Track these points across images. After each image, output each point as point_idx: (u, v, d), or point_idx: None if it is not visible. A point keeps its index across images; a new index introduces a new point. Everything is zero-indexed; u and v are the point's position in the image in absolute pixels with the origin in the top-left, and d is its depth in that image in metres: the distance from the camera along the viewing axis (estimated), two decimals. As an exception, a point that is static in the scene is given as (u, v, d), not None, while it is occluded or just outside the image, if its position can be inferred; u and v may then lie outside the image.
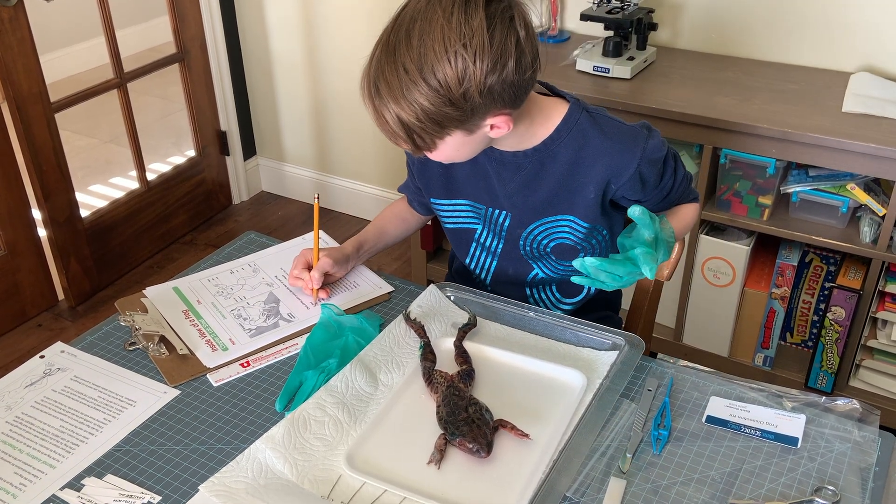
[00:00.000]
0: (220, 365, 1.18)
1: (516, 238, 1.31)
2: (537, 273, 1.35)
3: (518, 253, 1.33)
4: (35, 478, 1.00)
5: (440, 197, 1.34)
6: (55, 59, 3.63)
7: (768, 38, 2.13)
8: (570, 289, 1.38)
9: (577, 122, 1.21)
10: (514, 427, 1.02)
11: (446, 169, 1.31)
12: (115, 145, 3.56)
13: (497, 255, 1.35)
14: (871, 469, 0.99)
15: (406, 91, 1.04)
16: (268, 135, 3.15)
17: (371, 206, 2.96)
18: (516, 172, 1.25)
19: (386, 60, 1.05)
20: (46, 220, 2.48)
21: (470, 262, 1.39)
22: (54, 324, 2.54)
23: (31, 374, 1.17)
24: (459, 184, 1.31)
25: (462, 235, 1.37)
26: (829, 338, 1.99)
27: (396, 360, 1.16)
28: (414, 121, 1.06)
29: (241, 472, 0.96)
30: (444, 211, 1.36)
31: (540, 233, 1.29)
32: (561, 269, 1.34)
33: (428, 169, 1.33)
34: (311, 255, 1.32)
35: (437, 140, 1.10)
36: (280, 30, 2.87)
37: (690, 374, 1.14)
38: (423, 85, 1.03)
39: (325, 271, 1.31)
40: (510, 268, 1.36)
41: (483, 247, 1.36)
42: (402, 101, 1.05)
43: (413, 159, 1.36)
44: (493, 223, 1.32)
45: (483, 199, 1.31)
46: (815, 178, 1.93)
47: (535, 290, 1.38)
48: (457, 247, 1.40)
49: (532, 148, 1.22)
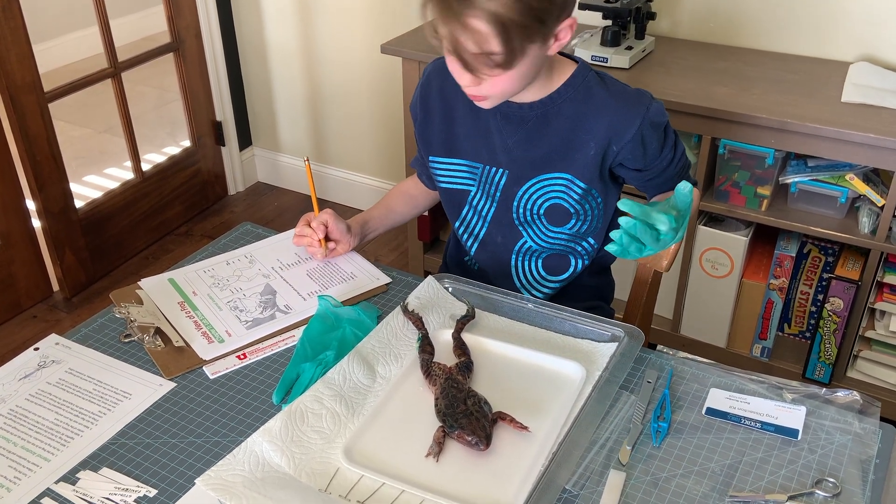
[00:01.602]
0: (217, 357, 1.17)
1: (510, 198, 1.32)
2: (525, 241, 1.36)
3: (510, 217, 1.34)
4: (29, 471, 0.99)
5: (439, 155, 1.36)
6: (49, 48, 3.61)
7: (767, 28, 2.12)
8: (555, 265, 1.38)
9: (584, 80, 1.24)
10: (513, 419, 1.02)
11: (448, 127, 1.33)
12: (110, 135, 3.54)
13: (488, 221, 1.36)
14: (871, 461, 0.98)
15: None
16: (263, 125, 3.13)
17: (367, 196, 2.95)
18: (519, 126, 1.27)
19: None
20: (41, 211, 2.46)
21: (460, 225, 1.40)
22: (49, 315, 2.53)
23: (26, 366, 1.16)
24: (459, 142, 1.33)
25: (456, 196, 1.38)
26: (827, 329, 1.99)
27: (394, 352, 1.15)
28: (515, 16, 1.04)
29: (238, 466, 0.95)
30: (441, 169, 1.37)
31: (536, 191, 1.30)
32: (550, 235, 1.34)
33: (430, 127, 1.35)
34: (311, 217, 1.35)
35: (518, 56, 1.09)
36: (276, 18, 2.85)
37: (690, 366, 1.14)
38: None
39: (325, 221, 1.33)
40: (499, 235, 1.37)
41: (475, 210, 1.37)
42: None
43: (416, 118, 1.38)
44: (488, 183, 1.33)
45: (481, 156, 1.32)
46: (814, 168, 1.92)
47: (520, 261, 1.38)
48: (449, 209, 1.42)
49: (539, 100, 1.24)
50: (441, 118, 1.34)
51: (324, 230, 1.34)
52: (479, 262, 1.42)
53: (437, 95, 1.34)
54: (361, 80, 2.78)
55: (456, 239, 1.46)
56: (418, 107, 1.37)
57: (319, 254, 1.35)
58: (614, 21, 2.05)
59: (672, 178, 1.31)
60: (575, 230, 1.34)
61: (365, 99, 2.82)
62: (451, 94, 1.31)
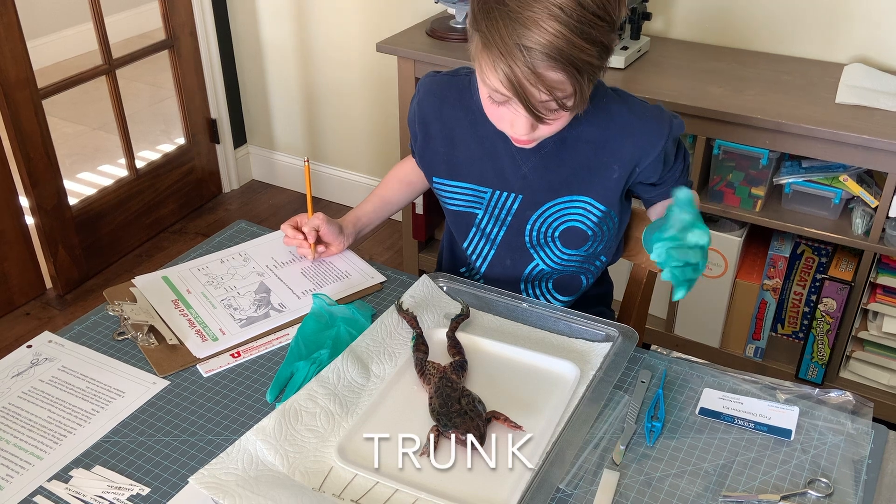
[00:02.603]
0: (210, 355, 1.17)
1: (523, 222, 1.28)
2: (537, 264, 1.32)
3: (521, 241, 1.30)
4: (22, 469, 0.99)
5: (443, 177, 1.31)
6: (43, 44, 3.59)
7: (762, 29, 2.12)
8: (566, 285, 1.36)
9: (601, 99, 1.19)
10: (507, 419, 1.02)
11: (450, 150, 1.29)
12: (104, 132, 3.53)
13: (496, 244, 1.33)
14: (864, 461, 0.98)
15: (567, 20, 0.96)
16: (258, 123, 3.12)
17: (362, 195, 2.91)
18: (535, 152, 1.22)
19: (520, 7, 0.97)
20: (34, 208, 2.46)
21: (468, 247, 1.37)
22: (42, 312, 2.52)
23: (18, 363, 1.15)
24: (462, 166, 1.29)
25: (462, 218, 1.34)
26: (820, 329, 1.99)
27: (388, 350, 1.15)
28: (593, 59, 0.99)
29: (232, 464, 0.95)
30: (445, 191, 1.33)
31: (551, 215, 1.26)
32: (564, 258, 1.31)
33: (430, 147, 1.31)
34: (303, 218, 1.34)
35: (586, 96, 1.04)
36: (271, 16, 2.85)
37: (684, 366, 1.14)
38: (580, 10, 0.97)
39: (317, 226, 1.32)
40: (508, 258, 1.33)
41: (482, 233, 1.33)
42: (577, 37, 0.97)
43: (415, 137, 1.34)
44: (497, 208, 1.29)
45: (489, 181, 1.27)
46: (808, 169, 1.93)
47: (530, 285, 1.36)
48: (456, 230, 1.38)
49: None
50: (441, 141, 1.29)
51: (315, 236, 1.32)
52: (487, 281, 1.36)
53: (435, 118, 1.30)
54: (357, 78, 2.78)
55: (452, 250, 1.42)
56: (417, 125, 1.32)
57: (309, 255, 1.35)
58: (610, 21, 2.05)
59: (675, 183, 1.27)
60: (590, 252, 1.30)
61: (360, 97, 2.81)
62: (450, 116, 1.28)
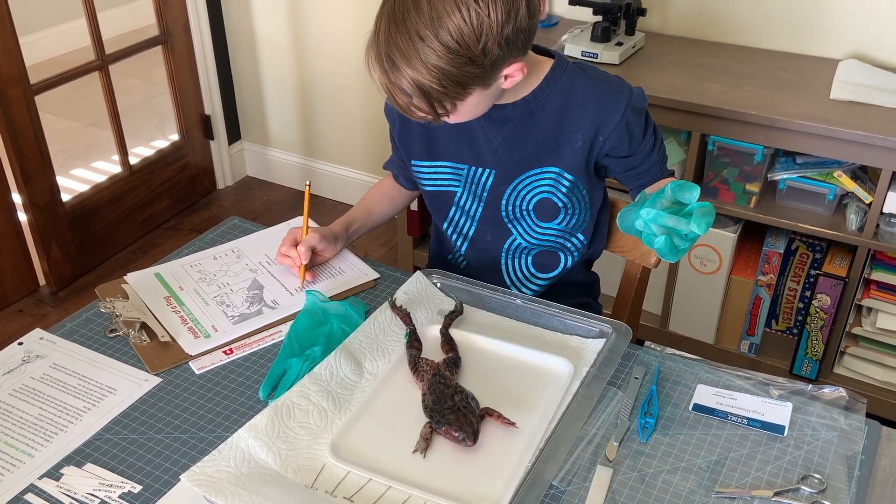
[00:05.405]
0: (203, 352, 1.16)
1: (498, 197, 1.31)
2: (515, 238, 1.35)
3: (498, 216, 1.33)
4: (13, 467, 0.98)
5: (421, 158, 1.34)
6: (35, 40, 3.57)
7: (757, 25, 2.12)
8: (545, 262, 1.38)
9: (564, 71, 1.24)
10: (501, 415, 1.02)
11: (427, 130, 1.31)
12: (97, 128, 3.51)
13: (476, 220, 1.35)
14: (857, 457, 0.98)
15: (425, 57, 1.03)
16: (252, 119, 3.11)
17: (357, 191, 2.94)
18: (504, 125, 1.26)
19: (397, 31, 1.04)
20: (27, 205, 2.45)
21: (448, 226, 1.39)
22: (35, 309, 2.51)
23: (9, 361, 1.15)
24: (441, 145, 1.32)
25: (441, 198, 1.37)
26: (815, 325, 1.99)
27: (382, 347, 1.14)
28: (436, 87, 1.05)
29: (224, 462, 0.95)
30: (424, 172, 1.36)
31: (524, 188, 1.30)
32: (539, 231, 1.34)
33: (409, 131, 1.34)
34: (299, 234, 1.32)
35: (458, 102, 1.10)
36: (265, 11, 2.84)
37: (677, 362, 1.14)
38: (440, 48, 1.03)
39: (313, 246, 1.30)
40: (488, 233, 1.36)
41: (462, 210, 1.36)
42: (421, 69, 1.04)
43: (394, 123, 1.36)
44: (474, 184, 1.32)
45: (465, 158, 1.31)
46: (803, 165, 1.93)
47: (510, 259, 1.38)
48: (435, 211, 1.40)
49: (521, 99, 1.24)
50: (418, 123, 1.30)
51: (309, 256, 1.29)
52: (469, 260, 1.41)
53: None
54: (351, 74, 2.77)
55: (439, 237, 1.44)
56: (394, 112, 1.32)
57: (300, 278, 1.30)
58: (604, 17, 2.05)
59: (655, 165, 1.30)
60: (563, 225, 1.33)
61: (355, 93, 2.80)
62: None
